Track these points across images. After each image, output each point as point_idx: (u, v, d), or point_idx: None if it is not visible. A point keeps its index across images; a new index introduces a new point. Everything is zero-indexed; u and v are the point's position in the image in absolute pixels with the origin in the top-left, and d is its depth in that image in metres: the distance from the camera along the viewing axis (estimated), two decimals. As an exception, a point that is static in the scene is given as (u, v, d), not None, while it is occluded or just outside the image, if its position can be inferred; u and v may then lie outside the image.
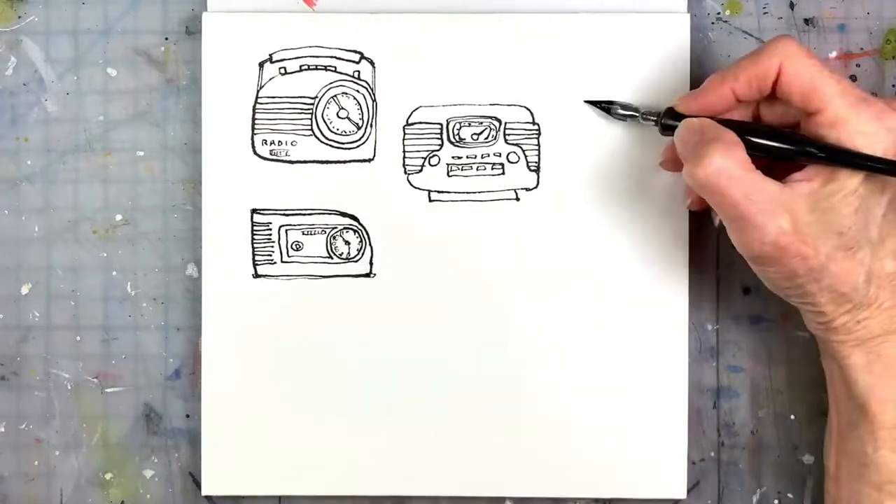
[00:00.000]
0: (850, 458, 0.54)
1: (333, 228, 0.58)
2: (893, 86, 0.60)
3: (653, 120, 0.56)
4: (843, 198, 0.51)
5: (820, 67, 0.51)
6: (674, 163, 0.55)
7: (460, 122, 0.58)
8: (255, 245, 0.58)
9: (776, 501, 0.60)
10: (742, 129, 0.52)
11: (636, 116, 0.57)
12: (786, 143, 0.52)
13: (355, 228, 0.58)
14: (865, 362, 0.53)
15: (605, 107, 0.58)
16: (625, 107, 0.57)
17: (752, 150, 0.51)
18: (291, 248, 0.58)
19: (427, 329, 0.58)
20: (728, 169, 0.50)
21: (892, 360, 0.53)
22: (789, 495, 0.60)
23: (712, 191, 0.50)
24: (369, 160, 0.59)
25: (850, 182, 0.51)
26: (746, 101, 0.54)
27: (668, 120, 0.55)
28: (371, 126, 0.59)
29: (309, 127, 0.58)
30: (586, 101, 0.58)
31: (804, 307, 0.54)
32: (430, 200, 0.59)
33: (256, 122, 0.58)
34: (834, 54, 0.60)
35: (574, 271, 0.58)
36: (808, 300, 0.53)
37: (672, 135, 0.54)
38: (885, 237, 0.52)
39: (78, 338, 0.60)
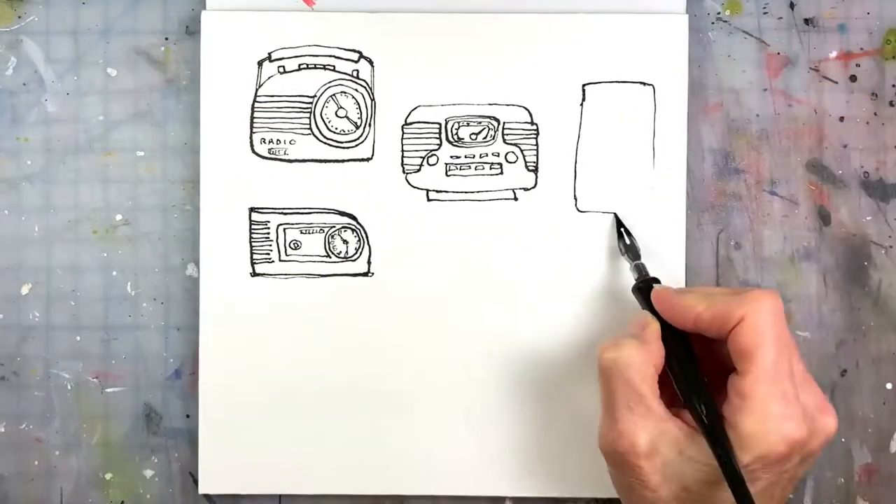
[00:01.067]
0: None
1: (332, 227, 0.59)
2: (893, 86, 0.60)
3: (636, 274, 0.56)
4: (700, 462, 0.50)
5: (773, 337, 0.49)
6: None
7: (459, 122, 0.58)
8: (254, 244, 0.58)
9: (776, 502, 0.60)
10: (679, 350, 0.52)
11: (629, 262, 0.57)
12: (683, 391, 0.51)
13: (353, 227, 0.58)
14: None
15: (620, 236, 0.58)
16: (629, 249, 0.57)
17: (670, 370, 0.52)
18: (289, 246, 0.59)
19: (425, 328, 0.58)
20: (628, 370, 0.50)
21: None
22: (789, 495, 0.60)
23: (604, 375, 0.51)
24: (368, 159, 0.59)
25: (708, 454, 0.49)
26: (705, 334, 0.52)
27: (637, 291, 0.55)
28: (369, 125, 0.59)
29: (307, 126, 0.58)
30: (619, 223, 0.58)
31: None
32: (429, 200, 0.59)
33: (255, 120, 0.58)
34: (834, 54, 0.60)
35: (572, 271, 0.58)
36: None
37: (637, 296, 0.55)
38: None
39: (78, 338, 0.60)
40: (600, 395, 0.52)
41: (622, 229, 0.58)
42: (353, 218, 0.59)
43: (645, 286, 0.55)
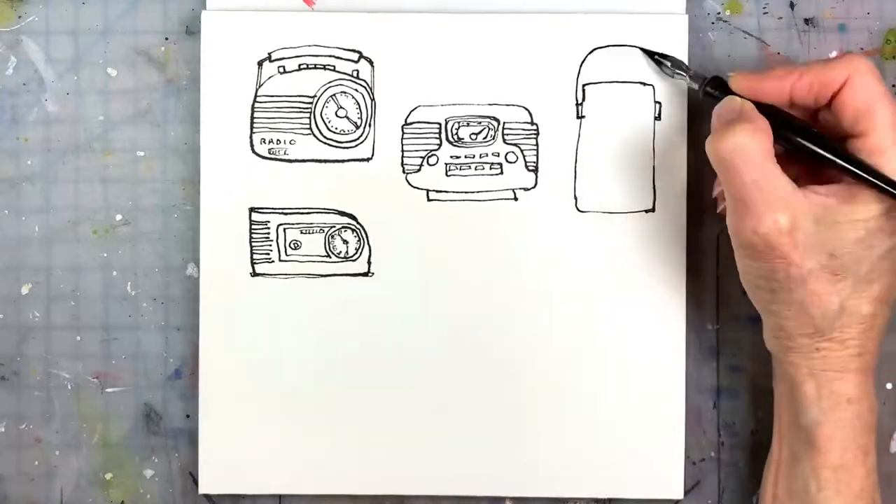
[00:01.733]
0: (791, 494, 0.53)
1: (332, 227, 0.59)
2: (893, 86, 0.60)
3: (698, 82, 0.56)
4: (852, 223, 0.50)
5: (883, 94, 0.51)
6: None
7: (459, 122, 0.58)
8: (254, 244, 0.58)
9: (776, 502, 0.60)
10: (780, 119, 0.52)
11: (683, 76, 0.57)
12: (815, 145, 0.52)
13: (353, 227, 0.58)
14: (817, 394, 0.52)
15: (658, 60, 0.58)
16: (676, 64, 0.57)
17: (783, 140, 0.52)
18: (290, 246, 0.59)
19: (425, 328, 0.58)
20: (747, 150, 0.50)
21: (843, 397, 0.52)
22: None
23: (726, 167, 0.50)
24: (368, 159, 0.59)
25: (865, 211, 0.50)
26: (799, 105, 0.53)
27: (711, 88, 0.55)
28: (369, 125, 0.59)
29: (307, 126, 0.58)
30: (642, 50, 0.58)
31: (768, 314, 0.53)
32: (429, 200, 0.59)
33: (255, 120, 0.58)
34: (834, 54, 0.60)
35: (572, 271, 0.58)
36: (774, 307, 0.52)
37: (710, 101, 0.55)
38: (874, 279, 0.51)
39: (78, 338, 0.60)
40: (725, 189, 0.51)
41: (656, 56, 0.58)
42: (353, 218, 0.59)
43: (716, 83, 0.55)
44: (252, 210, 0.58)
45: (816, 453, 0.52)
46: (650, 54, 0.58)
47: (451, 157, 0.59)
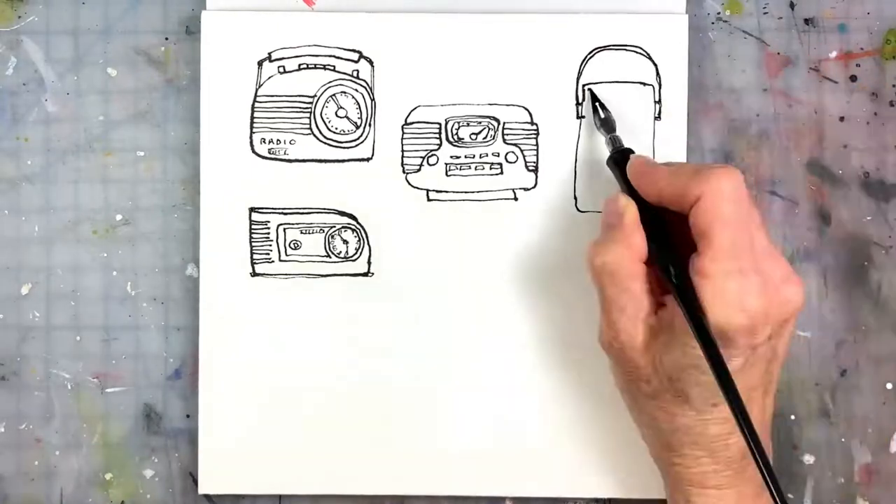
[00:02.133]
0: None
1: (332, 227, 0.59)
2: (893, 86, 0.60)
3: (610, 147, 0.56)
4: (683, 348, 0.50)
5: (728, 219, 0.49)
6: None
7: (459, 122, 0.58)
8: (254, 244, 0.58)
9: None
10: (655, 223, 0.52)
11: (604, 134, 0.57)
12: (659, 260, 0.52)
13: (353, 227, 0.58)
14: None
15: (596, 107, 0.57)
16: (604, 123, 0.57)
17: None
18: (289, 246, 0.59)
19: (425, 328, 0.58)
20: (614, 271, 0.51)
21: None
22: (789, 495, 0.60)
23: (595, 279, 0.52)
24: (368, 159, 0.59)
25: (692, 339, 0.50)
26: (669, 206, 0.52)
27: (612, 163, 0.55)
28: (369, 125, 0.59)
29: (307, 126, 0.58)
30: (588, 88, 0.58)
31: (635, 422, 0.55)
32: (429, 200, 0.59)
33: (255, 120, 0.58)
34: (834, 54, 0.60)
35: (572, 271, 0.58)
36: (634, 415, 0.54)
37: (613, 169, 0.55)
38: (720, 403, 0.50)
39: (78, 338, 0.60)
40: (597, 296, 0.52)
41: (597, 103, 0.57)
42: (353, 218, 0.59)
43: (620, 157, 0.55)
44: (252, 210, 0.58)
45: None
46: (594, 98, 0.58)
47: (451, 157, 0.59)
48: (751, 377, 0.51)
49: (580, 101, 0.58)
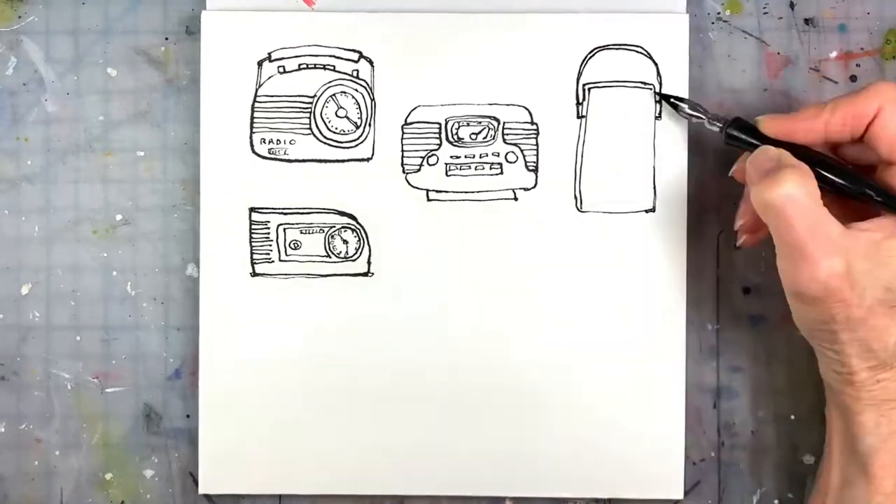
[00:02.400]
0: None
1: (331, 227, 0.59)
2: (894, 85, 0.60)
3: (718, 126, 0.56)
4: None
5: None
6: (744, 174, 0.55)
7: (459, 122, 0.58)
8: (254, 244, 0.58)
9: (776, 502, 0.60)
10: (813, 160, 0.52)
11: (702, 120, 0.56)
12: (852, 183, 0.52)
13: (353, 227, 0.58)
14: (875, 423, 0.52)
15: (675, 103, 0.57)
16: (693, 107, 0.57)
17: (821, 182, 0.51)
18: (289, 246, 0.59)
19: (425, 328, 0.58)
20: (797, 198, 0.49)
21: None
22: (789, 495, 0.60)
23: (779, 217, 0.50)
24: (367, 159, 0.59)
25: None
26: (833, 141, 0.53)
27: (735, 131, 0.55)
28: (369, 125, 0.59)
29: (307, 126, 0.58)
30: (659, 94, 0.58)
31: (827, 353, 0.53)
32: (429, 200, 0.59)
33: (255, 120, 0.58)
34: (834, 54, 0.60)
35: (572, 271, 0.58)
36: (835, 347, 0.52)
37: (733, 145, 0.55)
38: None
39: (78, 338, 0.60)
40: (776, 238, 0.51)
41: (672, 99, 0.57)
42: (353, 218, 0.59)
43: (739, 125, 0.55)
44: (252, 210, 0.58)
45: (871, 480, 0.52)
46: (666, 98, 0.58)
47: (451, 157, 0.59)
48: None
49: (580, 100, 0.58)
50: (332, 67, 0.58)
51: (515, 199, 0.59)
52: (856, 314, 0.50)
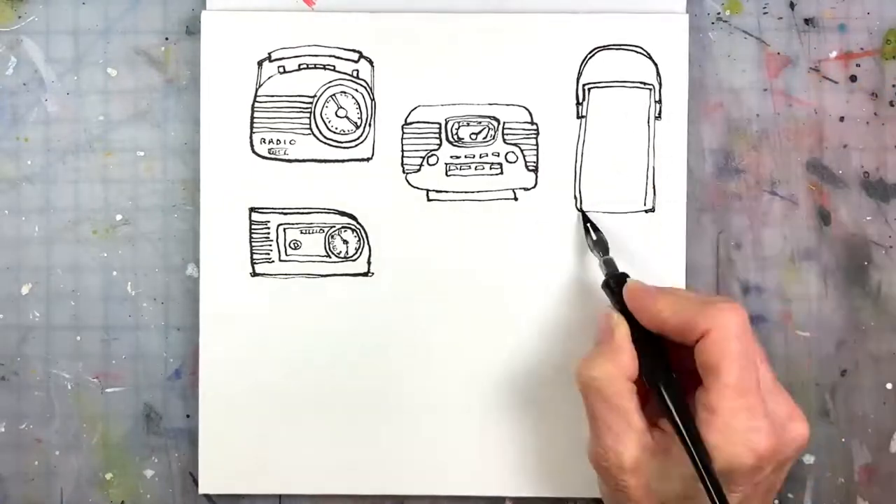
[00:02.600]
0: None
1: (332, 227, 0.59)
2: (893, 86, 0.60)
3: (605, 271, 0.56)
4: (680, 477, 0.50)
5: (737, 356, 0.49)
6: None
7: (459, 122, 0.58)
8: (254, 243, 0.58)
9: (776, 501, 0.60)
10: (647, 351, 0.52)
11: (598, 256, 0.56)
12: (666, 392, 0.51)
13: (353, 227, 0.58)
14: None
15: (587, 232, 0.57)
16: (598, 243, 0.57)
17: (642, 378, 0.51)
18: (289, 246, 0.59)
19: (425, 328, 0.58)
20: (602, 386, 0.51)
21: None
22: (789, 495, 0.60)
23: (584, 394, 0.52)
24: (368, 159, 0.59)
25: (688, 470, 0.49)
26: (670, 337, 0.52)
27: (612, 282, 0.55)
28: (369, 125, 0.59)
29: (307, 126, 0.58)
30: (580, 211, 0.58)
31: None
32: (429, 200, 0.59)
33: (255, 120, 0.58)
34: (834, 54, 0.60)
35: (572, 271, 0.58)
36: None
37: (607, 292, 0.55)
38: None
39: (78, 338, 0.60)
40: (585, 411, 0.52)
41: (588, 224, 0.57)
42: (353, 218, 0.59)
43: (615, 282, 0.55)
44: (252, 210, 0.58)
45: None
46: (585, 219, 0.58)
47: (451, 156, 0.59)
48: None
49: (580, 100, 0.58)
50: (332, 67, 0.58)
51: (515, 199, 0.59)
52: None
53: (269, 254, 0.59)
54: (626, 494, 0.50)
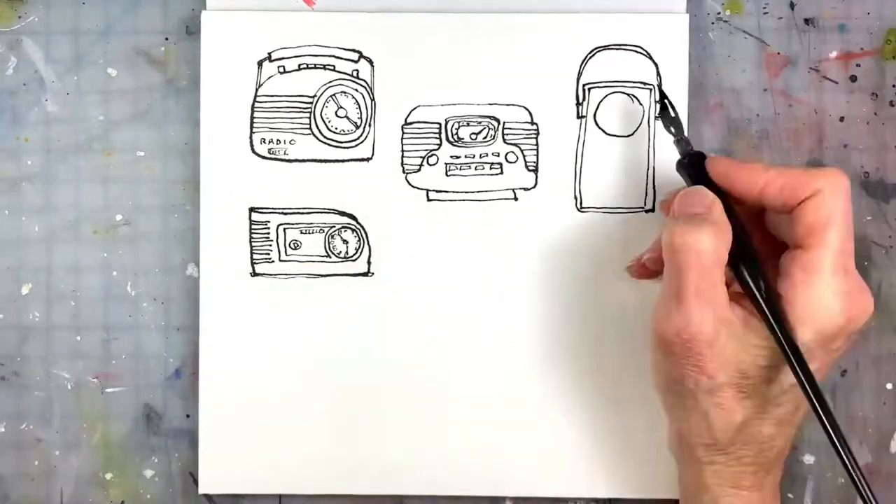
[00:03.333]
0: None
1: (332, 227, 0.59)
2: (893, 86, 0.60)
3: (680, 149, 0.54)
4: (764, 348, 0.50)
5: (844, 217, 0.49)
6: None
7: (459, 122, 0.58)
8: (254, 243, 0.58)
9: (776, 502, 0.60)
10: (736, 228, 0.51)
11: (673, 135, 0.55)
12: (750, 274, 0.50)
13: (353, 227, 0.58)
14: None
15: (665, 109, 0.55)
16: (672, 121, 0.55)
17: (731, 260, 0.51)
18: (289, 246, 0.59)
19: (425, 328, 0.58)
20: (703, 254, 0.49)
21: None
22: (789, 495, 0.60)
23: (676, 262, 0.50)
24: (368, 159, 0.59)
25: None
26: (765, 203, 0.51)
27: (688, 162, 0.53)
28: (369, 125, 0.59)
29: (307, 126, 0.59)
30: (660, 91, 0.58)
31: (672, 417, 0.53)
32: (429, 200, 0.59)
33: (255, 120, 0.58)
34: (834, 54, 0.60)
35: (572, 271, 0.58)
36: (678, 412, 0.52)
37: (680, 173, 0.54)
38: (782, 403, 0.50)
39: (78, 338, 0.60)
40: (665, 280, 0.50)
41: (667, 101, 0.55)
42: (353, 218, 0.59)
43: (694, 159, 0.53)
44: (252, 210, 0.58)
45: None
46: (664, 98, 0.56)
47: (451, 156, 0.59)
48: (821, 376, 0.50)
49: (580, 100, 0.58)
50: (332, 67, 0.58)
51: (515, 199, 0.59)
52: (705, 385, 0.50)
53: (269, 254, 0.59)
54: (699, 367, 0.49)
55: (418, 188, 0.59)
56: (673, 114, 0.55)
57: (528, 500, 0.60)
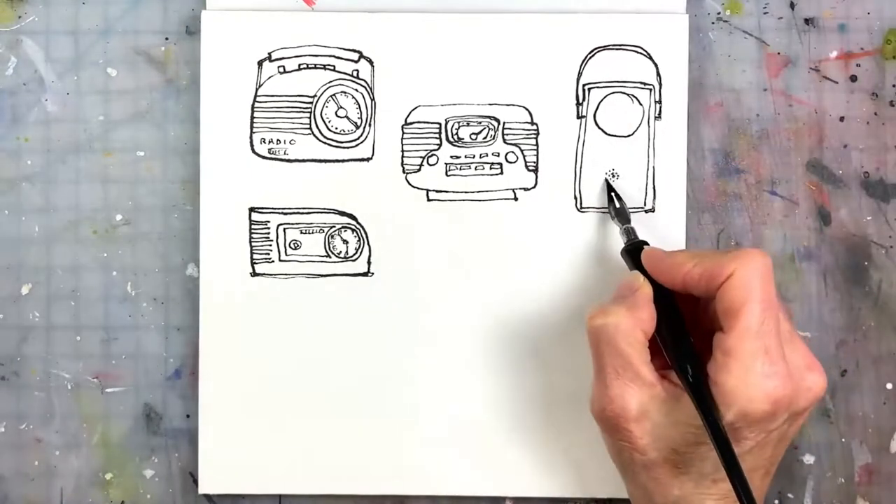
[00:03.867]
0: None
1: (332, 227, 0.59)
2: (893, 86, 0.60)
3: (624, 238, 0.56)
4: (694, 425, 0.49)
5: (760, 298, 0.49)
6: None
7: (459, 122, 0.58)
8: (253, 243, 0.58)
9: (776, 501, 0.60)
10: (664, 314, 0.52)
11: (618, 225, 0.57)
12: (674, 351, 0.51)
13: (353, 227, 0.58)
14: None
15: (611, 201, 0.58)
16: (619, 212, 0.57)
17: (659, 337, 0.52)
18: (289, 246, 0.59)
19: (425, 328, 0.58)
20: (612, 334, 0.50)
21: None
22: (789, 495, 0.60)
23: (592, 342, 0.52)
24: (368, 159, 0.59)
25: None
26: (692, 291, 0.52)
27: (627, 251, 0.55)
28: (369, 125, 0.59)
29: (307, 126, 0.59)
30: (605, 179, 0.59)
31: (625, 484, 0.54)
32: (429, 200, 0.59)
33: (255, 120, 0.58)
34: (834, 54, 0.60)
35: (572, 271, 0.58)
36: (624, 482, 0.53)
37: (626, 258, 0.55)
38: (720, 479, 0.49)
39: (78, 338, 0.60)
40: (592, 360, 0.52)
41: (612, 193, 0.58)
42: (353, 218, 0.59)
43: (634, 249, 0.55)
44: (252, 210, 0.58)
45: None
46: (609, 188, 0.58)
47: (451, 157, 0.59)
48: (757, 458, 0.50)
49: (580, 100, 0.58)
50: (332, 67, 0.58)
51: (515, 199, 0.59)
52: (639, 460, 0.50)
53: (269, 254, 0.59)
54: (630, 444, 0.50)
55: (418, 188, 0.59)
56: (618, 204, 0.57)
57: (528, 500, 0.60)
